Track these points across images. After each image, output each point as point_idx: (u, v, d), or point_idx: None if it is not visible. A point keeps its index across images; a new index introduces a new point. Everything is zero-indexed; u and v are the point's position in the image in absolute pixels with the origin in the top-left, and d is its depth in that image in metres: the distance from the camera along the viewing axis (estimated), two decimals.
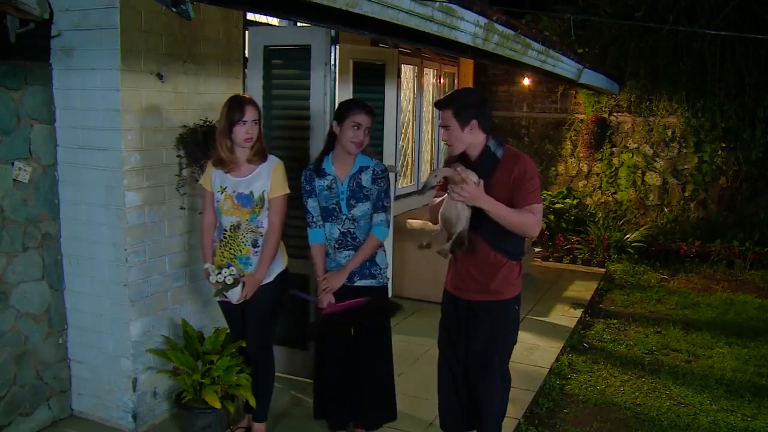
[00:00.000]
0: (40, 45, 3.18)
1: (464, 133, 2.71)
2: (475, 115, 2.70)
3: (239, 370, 3.20)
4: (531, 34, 4.18)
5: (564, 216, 8.17)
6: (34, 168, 3.23)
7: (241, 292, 3.00)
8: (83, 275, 3.38)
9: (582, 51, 7.38)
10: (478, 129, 2.72)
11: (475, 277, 2.81)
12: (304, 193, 3.14)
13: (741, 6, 7.23)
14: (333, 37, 3.60)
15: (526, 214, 2.67)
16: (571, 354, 4.85)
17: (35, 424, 3.33)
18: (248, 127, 2.95)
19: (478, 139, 2.74)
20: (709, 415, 3.97)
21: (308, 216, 3.15)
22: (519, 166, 2.69)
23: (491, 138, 2.78)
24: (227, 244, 3.07)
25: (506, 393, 2.96)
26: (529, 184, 2.68)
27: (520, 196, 2.67)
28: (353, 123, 2.97)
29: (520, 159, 2.73)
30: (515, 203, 2.67)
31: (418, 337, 4.85)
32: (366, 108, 3.03)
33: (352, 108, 3.01)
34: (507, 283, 2.81)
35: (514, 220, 2.65)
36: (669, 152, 8.23)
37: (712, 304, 6.21)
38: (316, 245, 3.15)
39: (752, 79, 7.33)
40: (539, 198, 2.72)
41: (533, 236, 2.75)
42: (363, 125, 2.99)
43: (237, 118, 2.95)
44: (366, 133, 3.01)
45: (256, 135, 3.00)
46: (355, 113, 2.98)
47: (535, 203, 2.68)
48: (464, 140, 2.73)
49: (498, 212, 2.63)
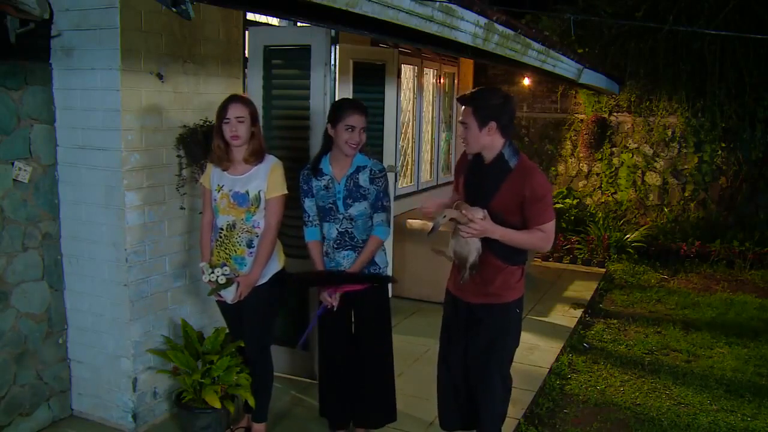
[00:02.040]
0: (40, 45, 3.18)
1: (482, 133, 2.65)
2: (495, 116, 2.63)
3: (239, 370, 3.20)
4: (531, 34, 4.18)
5: (564, 216, 8.17)
6: (34, 168, 3.23)
7: (236, 292, 3.00)
8: (83, 275, 3.38)
9: (582, 51, 7.38)
10: (496, 131, 2.65)
11: (476, 280, 2.79)
12: (301, 192, 3.15)
13: (741, 6, 7.23)
14: (333, 37, 3.60)
15: (536, 234, 2.63)
16: (571, 354, 4.85)
17: (35, 424, 3.33)
18: (232, 125, 2.95)
19: (496, 143, 2.68)
20: (709, 415, 3.97)
21: (305, 215, 3.16)
22: (531, 185, 2.62)
23: (508, 145, 2.70)
24: (222, 243, 3.07)
25: (507, 395, 2.94)
26: (541, 204, 2.63)
27: (532, 216, 2.63)
28: (347, 126, 2.97)
29: (533, 175, 2.65)
30: (527, 222, 2.64)
31: (418, 337, 4.85)
32: (358, 108, 3.01)
33: (344, 110, 3.00)
34: (507, 286, 2.79)
35: (525, 241, 2.65)
36: (669, 152, 8.23)
37: (712, 304, 6.21)
38: (312, 242, 3.17)
39: (752, 79, 7.33)
40: (551, 215, 2.66)
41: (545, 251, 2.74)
42: (357, 126, 2.98)
43: (222, 116, 2.97)
44: (361, 132, 3.00)
45: (243, 133, 2.97)
46: (347, 115, 2.97)
47: (547, 222, 2.64)
48: (480, 141, 2.67)
49: (509, 238, 2.63)
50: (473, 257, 2.70)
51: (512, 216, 2.66)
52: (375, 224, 3.09)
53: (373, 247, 3.08)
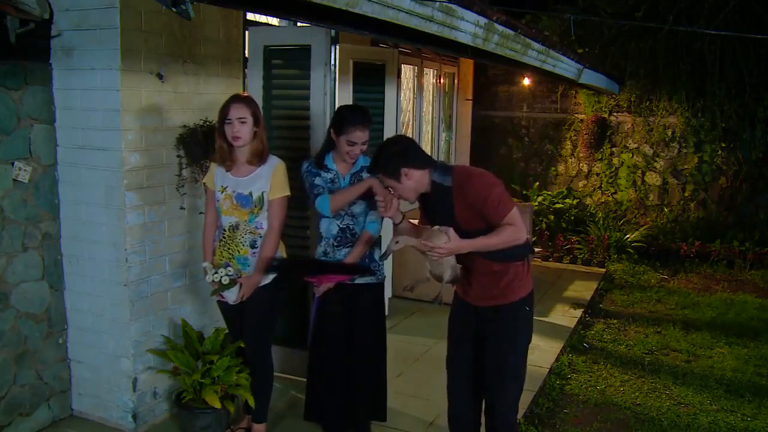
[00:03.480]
0: (40, 45, 3.18)
1: (403, 184, 2.68)
2: (402, 163, 2.65)
3: (239, 370, 3.20)
4: (531, 34, 4.18)
5: (564, 216, 8.17)
6: (34, 168, 3.23)
7: (238, 292, 3.00)
8: (83, 275, 3.38)
9: (582, 51, 7.38)
10: (413, 172, 2.67)
11: (483, 285, 2.79)
12: (308, 174, 3.10)
13: (741, 6, 7.23)
14: (333, 37, 3.60)
15: (506, 229, 2.61)
16: (571, 354, 4.85)
17: (35, 424, 3.33)
18: (234, 125, 2.94)
19: (422, 179, 2.70)
20: (709, 415, 3.97)
21: (316, 189, 3.06)
22: (470, 190, 2.63)
23: (435, 170, 2.71)
24: (226, 243, 3.07)
25: (519, 393, 2.94)
26: (490, 201, 2.61)
27: (491, 215, 2.62)
28: (349, 141, 3.00)
29: (468, 180, 2.66)
30: (491, 222, 2.63)
31: (418, 337, 4.85)
32: (364, 122, 3.02)
33: (349, 125, 2.99)
34: (513, 285, 2.79)
35: (499, 241, 2.63)
36: (669, 152, 8.23)
37: (712, 304, 6.21)
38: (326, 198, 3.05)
39: (752, 79, 7.33)
40: (509, 205, 2.64)
41: (524, 240, 2.72)
42: (358, 143, 3.01)
43: (223, 116, 2.97)
44: (362, 146, 3.04)
45: (245, 134, 2.96)
46: (351, 131, 2.98)
47: (507, 213, 2.62)
48: (409, 188, 2.70)
49: (483, 246, 2.62)
50: (448, 275, 2.73)
51: (479, 222, 2.66)
52: (368, 220, 3.12)
53: (365, 240, 3.09)
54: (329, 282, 3.08)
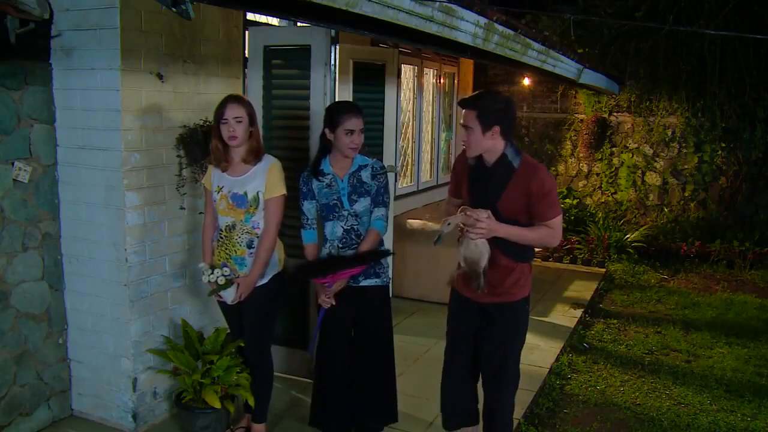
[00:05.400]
0: (40, 45, 3.19)
1: (485, 137, 2.65)
2: (499, 120, 2.64)
3: (239, 370, 3.20)
4: (531, 34, 4.18)
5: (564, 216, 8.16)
6: (34, 168, 3.23)
7: (236, 292, 3.00)
8: (83, 275, 3.38)
9: (582, 51, 7.38)
10: (499, 135, 2.66)
11: (492, 279, 2.79)
12: (300, 195, 3.14)
13: (741, 6, 7.22)
14: (333, 37, 3.60)
15: (543, 229, 2.65)
16: (571, 354, 4.85)
17: (35, 424, 3.33)
18: (229, 125, 2.95)
19: (498, 146, 2.68)
20: (709, 415, 3.97)
21: (303, 218, 3.16)
22: (536, 181, 2.63)
23: (510, 145, 2.71)
24: (223, 244, 3.07)
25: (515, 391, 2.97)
26: (547, 200, 2.64)
27: (539, 212, 2.64)
28: (346, 130, 2.98)
29: (537, 172, 2.66)
30: (534, 218, 2.65)
31: (418, 337, 4.85)
32: (355, 111, 3.02)
33: (342, 114, 3.00)
34: (517, 285, 2.81)
35: (532, 237, 2.66)
36: (669, 152, 8.23)
37: (712, 304, 6.21)
38: (310, 245, 3.17)
39: (752, 79, 7.33)
40: (558, 211, 2.68)
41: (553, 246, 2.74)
42: (356, 129, 3.00)
43: (219, 116, 2.97)
44: (360, 133, 3.02)
45: (241, 134, 2.96)
46: (345, 120, 2.98)
47: (554, 218, 2.66)
48: (483, 145, 2.68)
49: (517, 235, 2.64)
50: (485, 260, 2.70)
51: (519, 215, 2.68)
52: (373, 218, 3.09)
53: (371, 239, 3.08)
54: (342, 278, 3.03)
